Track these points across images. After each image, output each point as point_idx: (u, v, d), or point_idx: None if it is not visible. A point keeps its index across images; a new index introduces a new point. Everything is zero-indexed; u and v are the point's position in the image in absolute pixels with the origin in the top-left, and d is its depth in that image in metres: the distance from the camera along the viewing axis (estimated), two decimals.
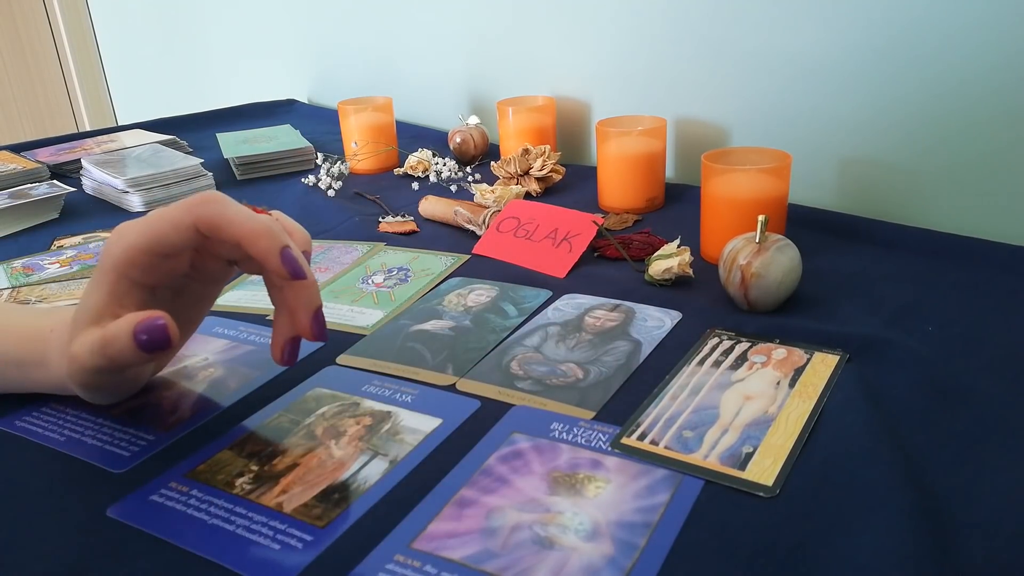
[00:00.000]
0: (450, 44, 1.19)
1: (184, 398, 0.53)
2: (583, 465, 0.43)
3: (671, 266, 0.64)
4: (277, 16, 1.55)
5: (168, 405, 0.52)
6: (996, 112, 0.67)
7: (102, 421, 0.50)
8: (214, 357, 0.58)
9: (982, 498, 0.39)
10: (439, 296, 0.66)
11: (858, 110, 0.76)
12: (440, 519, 0.40)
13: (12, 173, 1.05)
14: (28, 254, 0.81)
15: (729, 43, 0.84)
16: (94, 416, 0.51)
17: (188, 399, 0.53)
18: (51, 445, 0.48)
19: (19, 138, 1.75)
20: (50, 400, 0.53)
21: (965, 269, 0.64)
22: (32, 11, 2.46)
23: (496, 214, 0.78)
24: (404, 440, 0.47)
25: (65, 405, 0.52)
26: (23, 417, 0.51)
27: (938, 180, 0.72)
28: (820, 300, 0.61)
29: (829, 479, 0.41)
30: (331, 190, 0.97)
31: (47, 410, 0.52)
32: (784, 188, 0.68)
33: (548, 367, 0.54)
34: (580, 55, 1.00)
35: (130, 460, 0.47)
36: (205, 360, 0.57)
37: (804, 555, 0.36)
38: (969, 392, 0.48)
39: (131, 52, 2.20)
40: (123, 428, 0.50)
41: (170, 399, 0.53)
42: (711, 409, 0.48)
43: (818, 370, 0.51)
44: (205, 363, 0.57)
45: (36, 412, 0.52)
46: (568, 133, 1.05)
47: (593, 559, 0.37)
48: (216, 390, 0.53)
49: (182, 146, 1.22)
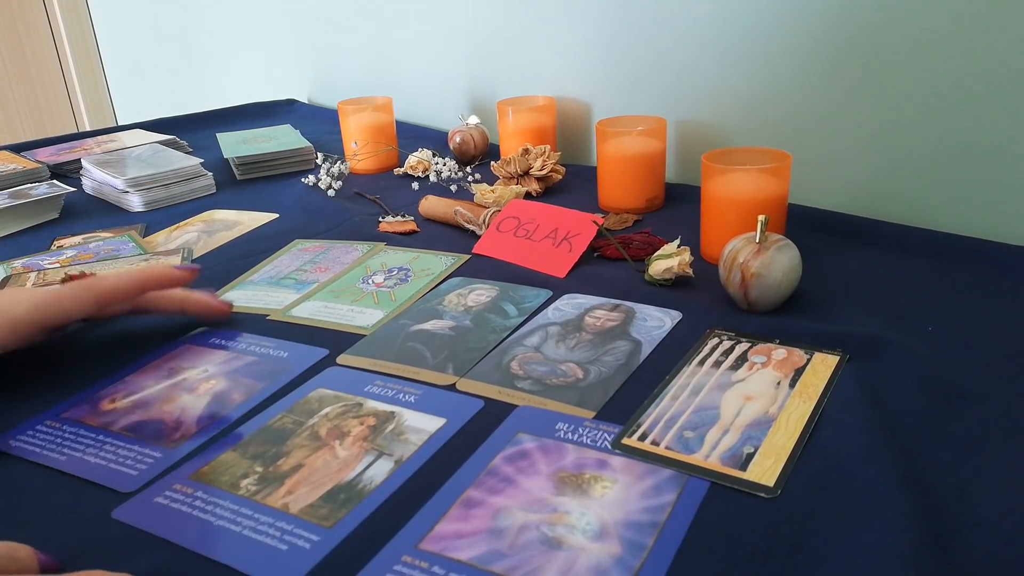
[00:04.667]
0: (450, 44, 1.19)
1: (187, 412, 0.52)
2: (589, 465, 0.44)
3: (671, 266, 0.64)
4: (277, 16, 1.55)
5: (171, 421, 0.51)
6: (996, 112, 0.67)
7: (103, 438, 0.49)
8: (214, 369, 0.57)
9: (982, 498, 0.40)
10: (439, 296, 0.66)
11: (858, 110, 0.76)
12: (447, 519, 0.40)
13: (12, 173, 1.05)
14: (28, 254, 0.81)
15: (729, 43, 0.84)
16: (93, 432, 0.50)
17: (191, 413, 0.52)
18: (53, 465, 0.47)
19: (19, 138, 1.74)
20: (45, 418, 0.52)
21: (965, 269, 0.64)
22: (32, 11, 2.45)
23: (496, 214, 0.79)
24: (409, 440, 0.47)
25: (60, 422, 0.51)
26: (17, 437, 0.50)
27: (938, 180, 0.73)
28: (820, 300, 0.61)
29: (829, 479, 0.41)
30: (331, 190, 0.97)
31: (42, 428, 0.51)
32: (784, 188, 0.68)
33: (548, 367, 0.54)
34: (580, 55, 1.00)
35: (138, 479, 0.45)
36: (205, 372, 0.57)
37: (805, 555, 0.37)
38: (969, 392, 0.48)
39: (131, 52, 2.19)
40: (127, 445, 0.49)
41: (172, 414, 0.52)
42: (712, 409, 0.48)
43: (818, 370, 0.51)
44: (205, 375, 0.56)
45: (31, 431, 0.51)
46: (568, 133, 1.05)
47: (601, 559, 0.37)
48: (220, 403, 0.53)
49: (182, 146, 1.22)
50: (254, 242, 0.82)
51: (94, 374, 0.57)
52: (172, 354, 0.59)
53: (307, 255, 0.77)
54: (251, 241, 0.83)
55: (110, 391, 0.55)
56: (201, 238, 0.85)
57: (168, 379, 0.56)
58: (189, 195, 0.99)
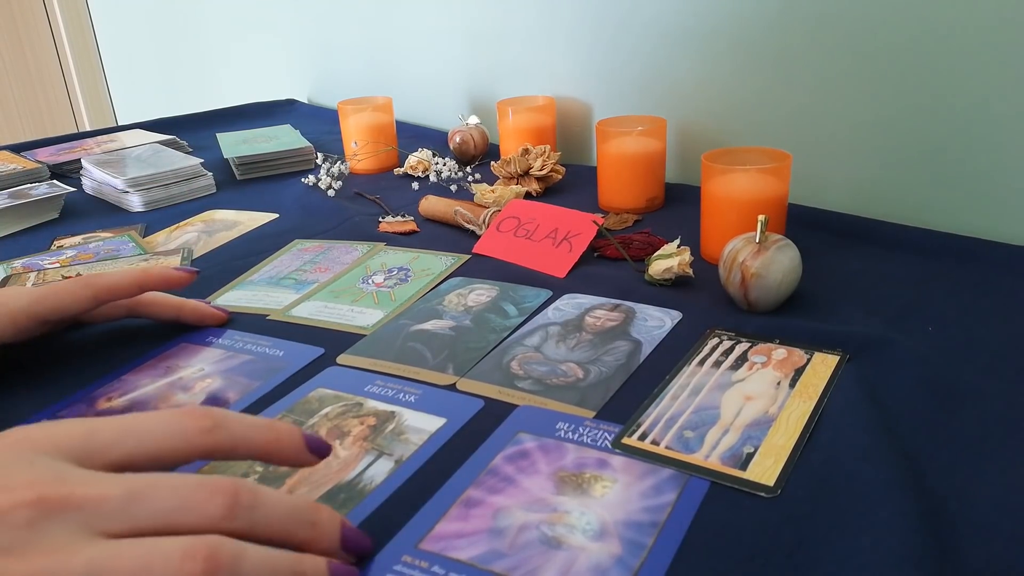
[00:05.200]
0: (450, 44, 1.19)
1: None
2: (589, 465, 0.44)
3: (671, 266, 0.64)
4: (277, 16, 1.55)
5: None
6: (997, 112, 0.67)
7: None
8: (210, 368, 0.57)
9: (982, 498, 0.40)
10: (439, 296, 0.66)
11: (858, 110, 0.76)
12: (447, 519, 0.40)
13: (12, 173, 1.05)
14: (28, 254, 0.81)
15: (729, 43, 0.84)
16: None
17: None
18: None
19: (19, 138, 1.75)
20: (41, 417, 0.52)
21: (965, 269, 0.64)
22: (32, 11, 2.45)
23: (496, 214, 0.79)
24: (409, 440, 0.47)
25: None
26: None
27: (938, 180, 0.73)
28: (820, 300, 0.61)
29: (829, 479, 0.41)
30: (331, 190, 0.97)
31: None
32: (784, 188, 0.68)
33: (548, 367, 0.54)
34: (580, 55, 1.00)
35: None
36: (201, 371, 0.57)
37: (805, 555, 0.37)
38: (969, 392, 0.48)
39: (131, 52, 2.19)
40: None
41: None
42: (712, 409, 0.48)
43: (818, 370, 0.51)
44: (201, 374, 0.56)
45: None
46: (568, 133, 1.05)
47: (601, 559, 0.37)
48: (215, 402, 0.52)
49: (182, 146, 1.22)
50: (254, 242, 0.82)
51: (90, 373, 0.57)
52: (168, 352, 0.59)
53: (307, 255, 0.77)
54: (251, 241, 0.83)
55: (106, 390, 0.55)
56: (201, 238, 0.85)
57: (164, 377, 0.56)
58: (189, 195, 0.99)
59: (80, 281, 0.56)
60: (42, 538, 0.29)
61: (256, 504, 0.33)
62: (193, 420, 0.35)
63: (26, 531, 0.29)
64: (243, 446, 0.36)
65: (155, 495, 0.31)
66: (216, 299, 0.69)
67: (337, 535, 0.36)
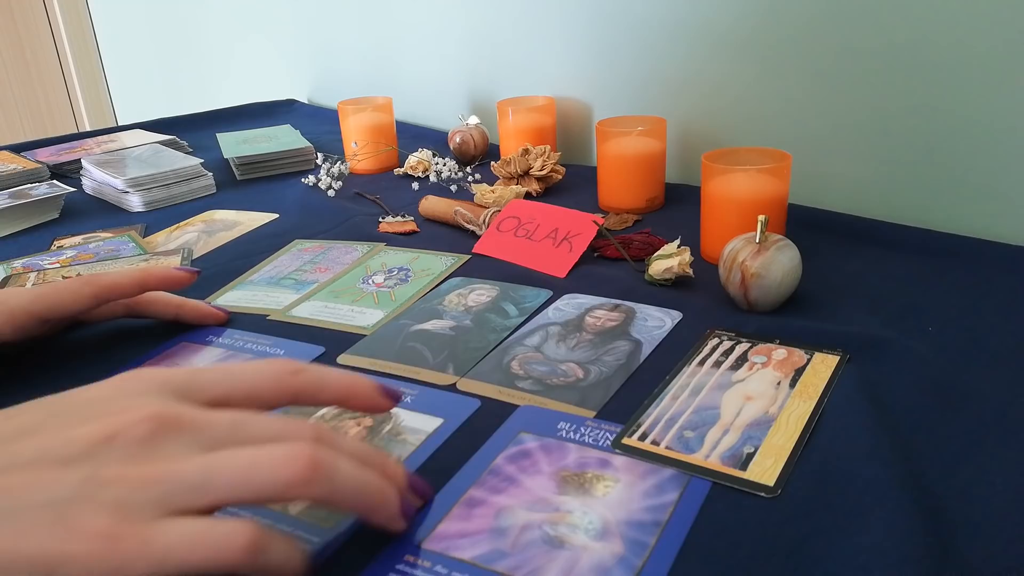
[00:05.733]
0: (450, 44, 1.19)
1: None
2: (591, 464, 0.44)
3: (671, 266, 0.64)
4: (277, 16, 1.55)
5: None
6: (997, 112, 0.68)
7: None
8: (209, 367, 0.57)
9: (982, 498, 0.40)
10: (439, 296, 0.66)
11: (858, 110, 0.76)
12: (449, 519, 0.40)
13: (12, 173, 1.05)
14: (28, 254, 0.81)
15: (729, 44, 0.84)
16: None
17: None
18: None
19: (19, 138, 1.75)
20: None
21: (965, 269, 0.64)
22: (32, 11, 2.45)
23: (496, 214, 0.79)
24: (407, 440, 0.47)
25: None
26: None
27: (938, 180, 0.73)
28: (820, 300, 0.61)
29: (829, 479, 0.41)
30: (331, 190, 0.97)
31: None
32: (784, 188, 0.68)
33: (548, 367, 0.54)
34: (580, 55, 1.00)
35: None
36: None
37: (805, 555, 0.37)
38: (969, 392, 0.48)
39: (131, 52, 2.19)
40: None
41: None
42: (712, 409, 0.48)
43: (818, 370, 0.51)
44: None
45: None
46: (568, 133, 1.05)
47: (603, 558, 0.37)
48: None
49: (182, 146, 1.22)
50: (254, 242, 0.82)
51: (90, 372, 0.57)
52: (168, 352, 0.59)
53: (307, 255, 0.77)
54: (251, 241, 0.83)
55: None
56: (201, 238, 0.85)
57: None
58: (189, 195, 0.99)
59: (81, 280, 0.56)
60: (158, 450, 0.33)
61: (336, 444, 0.36)
62: (282, 364, 0.39)
63: (145, 445, 0.33)
64: (326, 389, 0.39)
65: (256, 422, 0.35)
66: (216, 299, 0.69)
67: (403, 473, 0.39)
